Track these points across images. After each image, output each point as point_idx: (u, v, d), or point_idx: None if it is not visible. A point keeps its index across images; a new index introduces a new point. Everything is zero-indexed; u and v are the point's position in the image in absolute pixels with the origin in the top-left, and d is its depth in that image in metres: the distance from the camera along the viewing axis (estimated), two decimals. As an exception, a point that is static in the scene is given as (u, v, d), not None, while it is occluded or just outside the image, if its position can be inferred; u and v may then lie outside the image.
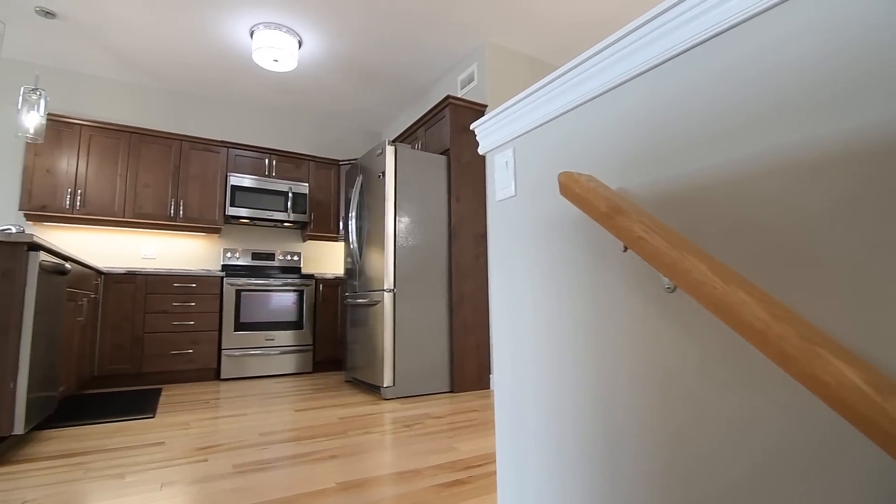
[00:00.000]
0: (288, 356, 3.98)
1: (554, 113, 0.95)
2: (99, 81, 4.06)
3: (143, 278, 3.54)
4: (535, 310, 1.00)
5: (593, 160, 0.87)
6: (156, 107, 4.26)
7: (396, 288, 3.05)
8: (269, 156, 4.42)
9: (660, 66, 0.75)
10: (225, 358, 3.73)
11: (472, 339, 3.27)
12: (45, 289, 2.08)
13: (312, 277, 4.18)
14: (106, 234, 3.96)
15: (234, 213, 4.11)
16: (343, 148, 5.20)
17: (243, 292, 3.86)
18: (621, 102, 0.81)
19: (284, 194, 4.36)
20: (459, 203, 3.35)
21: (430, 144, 3.64)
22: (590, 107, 0.88)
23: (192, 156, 4.08)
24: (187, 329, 3.64)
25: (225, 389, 3.36)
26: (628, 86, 0.80)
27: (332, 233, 4.66)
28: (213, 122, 4.50)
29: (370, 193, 3.32)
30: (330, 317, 4.24)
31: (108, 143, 3.76)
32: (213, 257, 4.36)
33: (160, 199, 3.91)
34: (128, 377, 3.48)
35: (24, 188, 3.45)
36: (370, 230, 3.27)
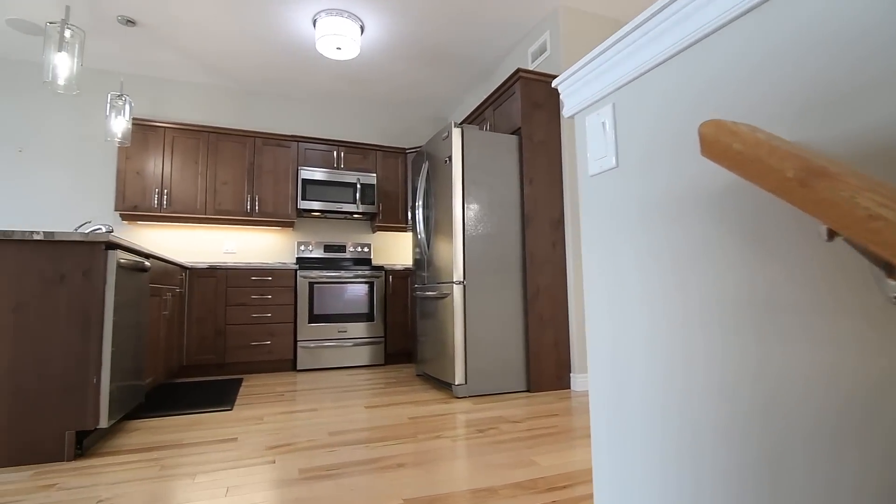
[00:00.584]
0: (360, 348, 3.96)
1: (676, 46, 0.68)
2: (178, 85, 4.26)
3: (224, 272, 3.67)
4: (650, 310, 0.74)
5: (746, 109, 0.59)
6: (230, 106, 4.40)
7: (466, 280, 2.85)
8: (337, 147, 4.40)
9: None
10: (300, 349, 3.78)
11: (549, 335, 3.00)
12: (127, 285, 2.14)
13: (382, 269, 4.12)
14: (191, 231, 4.16)
15: (305, 206, 4.15)
16: (409, 136, 5.08)
17: (316, 284, 3.89)
18: (798, 12, 0.53)
19: (353, 186, 4.33)
20: (533, 186, 3.07)
21: (499, 124, 3.38)
22: (737, 28, 0.60)
23: (265, 151, 4.16)
24: (265, 321, 3.73)
25: (300, 381, 3.40)
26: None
27: (401, 223, 4.57)
28: (283, 117, 4.57)
29: (436, 180, 3.14)
30: (400, 309, 4.16)
31: (188, 144, 3.93)
32: (288, 250, 4.45)
33: (237, 196, 4.03)
34: (213, 367, 3.64)
35: (118, 190, 3.70)
36: (438, 219, 3.10)
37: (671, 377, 0.69)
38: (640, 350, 0.76)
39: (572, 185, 3.13)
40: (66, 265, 1.84)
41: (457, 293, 2.82)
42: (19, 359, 1.76)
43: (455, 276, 2.83)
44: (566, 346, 3.05)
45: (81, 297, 1.85)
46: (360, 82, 4.39)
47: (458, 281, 2.84)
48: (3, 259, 1.77)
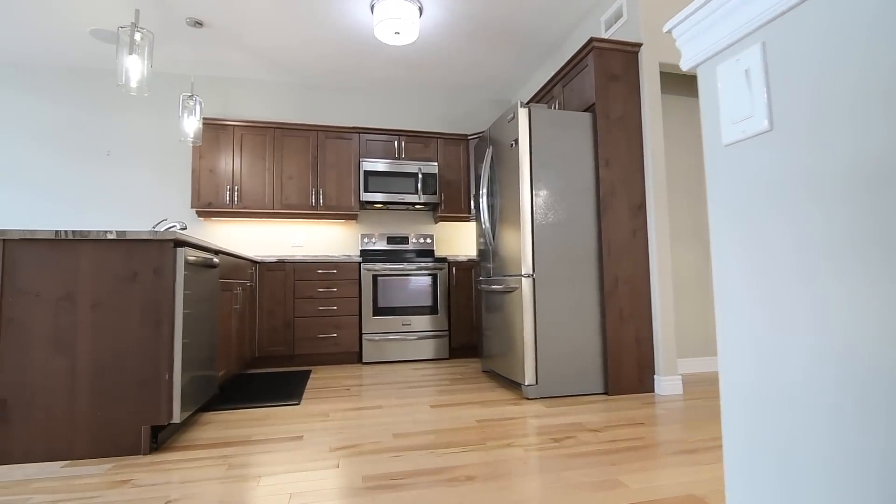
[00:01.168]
0: (424, 342, 3.88)
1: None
2: (244, 84, 4.36)
3: (291, 266, 3.72)
4: (819, 306, 0.51)
5: None
6: (293, 101, 4.44)
7: (536, 273, 2.64)
8: (398, 137, 4.31)
9: None
10: (366, 342, 3.77)
11: (629, 332, 2.72)
12: (197, 281, 2.16)
13: (445, 261, 4.00)
14: (261, 225, 4.28)
15: (368, 198, 4.11)
16: (471, 122, 4.88)
17: (380, 277, 3.84)
18: None
19: (414, 176, 4.23)
20: (610, 168, 2.77)
21: (569, 102, 3.10)
22: None
23: (328, 144, 4.16)
24: (331, 314, 3.75)
25: (366, 374, 3.37)
26: None
27: (463, 213, 4.41)
28: (343, 109, 4.55)
29: (502, 166, 2.93)
30: (464, 301, 4.02)
31: (256, 141, 4.01)
32: (352, 243, 4.45)
33: (302, 189, 4.07)
34: (283, 358, 3.72)
35: (193, 188, 3.86)
36: (504, 207, 2.90)
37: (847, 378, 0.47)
38: (802, 347, 0.54)
39: (656, 166, 2.79)
40: (137, 263, 1.87)
41: (526, 287, 2.62)
42: (99, 355, 1.81)
43: (524, 268, 2.63)
44: (649, 345, 2.75)
45: (153, 295, 1.87)
46: (419, 68, 4.25)
47: (527, 274, 2.63)
48: (81, 259, 1.83)
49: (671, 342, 2.73)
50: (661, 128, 2.83)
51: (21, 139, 3.89)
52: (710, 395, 2.65)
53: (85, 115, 4.01)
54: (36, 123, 3.93)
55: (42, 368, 1.77)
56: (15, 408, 1.75)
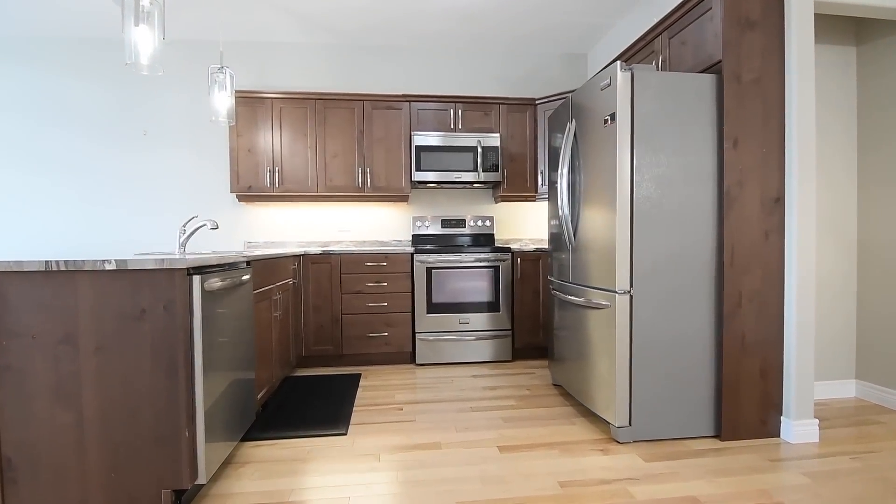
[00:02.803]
0: (484, 342, 3.45)
1: None
2: (280, 49, 3.88)
3: (337, 258, 3.35)
4: None
5: None
6: (337, 65, 3.93)
7: (635, 288, 2.08)
8: (454, 104, 3.73)
9: None
10: (419, 342, 3.39)
11: (752, 362, 2.13)
12: (224, 306, 1.80)
13: (509, 251, 3.48)
14: (305, 208, 3.92)
15: (420, 177, 3.61)
16: (539, 82, 4.17)
17: (434, 270, 3.40)
18: None
19: (473, 150, 3.66)
20: (738, 149, 2.10)
21: (679, 60, 2.39)
22: None
23: (375, 116, 3.65)
24: (381, 311, 3.39)
25: (420, 383, 3.01)
26: None
27: (529, 191, 3.83)
28: (391, 73, 3.99)
29: (589, 143, 2.32)
30: (530, 296, 3.52)
31: (296, 114, 3.58)
32: (403, 226, 4.02)
33: (348, 169, 3.63)
34: (331, 357, 3.43)
35: (231, 170, 3.52)
36: (589, 194, 2.32)
37: None
38: None
39: (802, 147, 2.08)
40: (144, 298, 1.52)
41: (620, 307, 2.08)
42: (107, 407, 1.51)
43: (618, 281, 2.08)
44: (777, 379, 2.16)
45: (165, 336, 1.52)
46: (477, 19, 3.57)
47: (623, 290, 2.08)
48: (80, 294, 1.49)
49: (807, 376, 2.12)
50: (812, 94, 2.09)
51: (56, 122, 3.68)
52: (858, 446, 2.05)
53: (119, 91, 3.72)
54: (68, 103, 3.69)
55: (46, 423, 1.49)
56: (21, 467, 1.49)
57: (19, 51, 3.62)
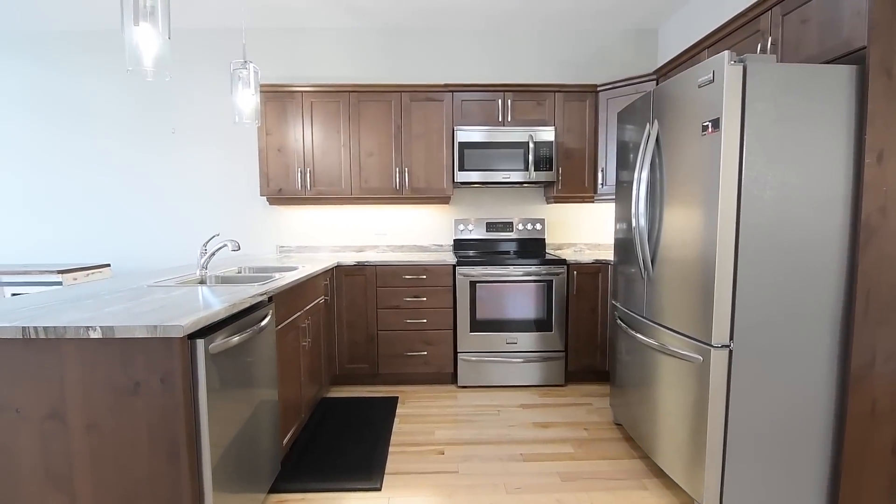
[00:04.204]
0: (533, 365, 3.10)
1: None
2: (312, 34, 3.53)
3: (373, 269, 3.06)
4: None
5: None
6: (371, 53, 3.56)
7: (736, 340, 1.66)
8: (503, 93, 3.29)
9: None
10: (461, 362, 3.09)
11: (884, 437, 1.69)
12: (236, 362, 1.55)
13: (564, 264, 3.07)
14: (339, 210, 3.65)
15: (463, 178, 3.24)
16: (600, 64, 3.65)
17: (478, 284, 3.06)
18: None
19: (523, 146, 3.24)
20: (884, 165, 1.60)
21: (798, 43, 1.87)
22: None
23: (414, 109, 3.28)
24: (420, 328, 3.09)
25: (462, 413, 2.72)
26: None
27: (586, 192, 3.38)
28: (433, 60, 3.58)
29: (677, 149, 1.88)
30: (587, 314, 3.13)
31: (329, 109, 3.26)
32: (444, 229, 3.68)
33: (384, 169, 3.30)
34: (367, 376, 3.19)
35: (261, 171, 3.27)
36: (675, 213, 1.89)
37: None
38: None
39: (980, 160, 1.56)
40: (137, 369, 1.26)
41: (717, 364, 1.67)
42: (103, 493, 1.28)
43: (715, 331, 1.66)
44: (917, 456, 1.70)
45: (164, 413, 1.27)
46: (534, -6, 3.09)
47: (722, 344, 1.66)
48: (66, 364, 1.25)
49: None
50: None
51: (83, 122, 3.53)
52: None
53: (147, 86, 3.51)
54: (94, 101, 3.52)
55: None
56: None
57: (44, 48, 3.47)
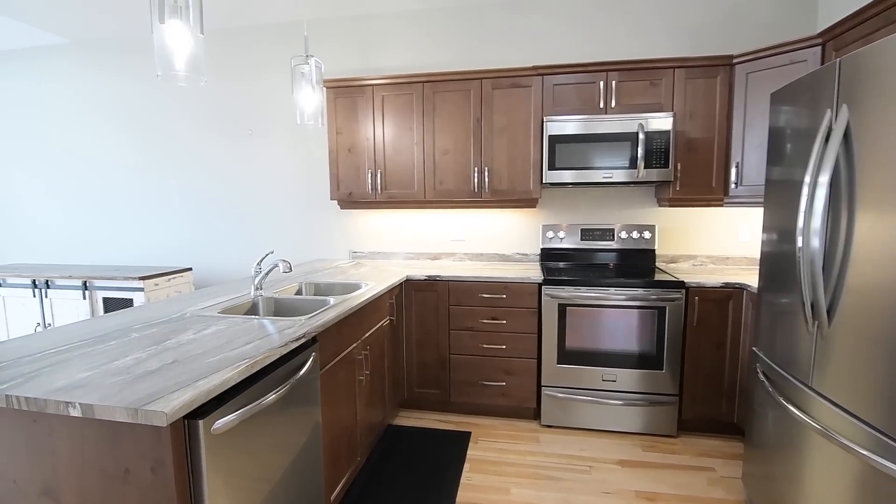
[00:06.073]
0: (636, 409, 2.54)
1: None
2: (381, 20, 3.20)
3: (445, 285, 2.70)
4: None
5: None
6: (447, 36, 3.14)
7: None
8: (605, 73, 2.70)
9: None
10: (545, 397, 2.63)
11: None
12: (258, 431, 1.27)
13: (682, 287, 2.45)
14: (412, 213, 3.33)
15: (553, 178, 2.72)
16: (735, 29, 2.86)
17: (569, 308, 2.55)
18: None
19: (630, 138, 2.63)
20: None
21: None
22: None
23: (496, 99, 2.82)
24: (498, 354, 2.68)
25: (544, 461, 2.28)
26: None
27: (714, 193, 2.67)
28: (519, 39, 3.06)
29: (878, 144, 1.23)
30: (710, 350, 2.48)
31: (400, 103, 2.92)
32: (530, 237, 3.20)
33: (461, 169, 2.90)
34: (437, 403, 2.86)
35: (331, 174, 3.05)
36: (871, 232, 1.25)
37: None
38: None
39: None
40: (126, 455, 1.02)
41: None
42: (96, 593, 1.08)
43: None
44: None
45: (156, 508, 1.02)
46: (651, -55, 2.44)
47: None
48: (55, 439, 1.05)
49: None
50: None
51: (168, 124, 3.60)
52: None
53: (224, 88, 3.47)
54: (183, 101, 3.56)
55: (36, 591, 1.13)
56: None
57: (124, 56, 3.57)
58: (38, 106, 3.83)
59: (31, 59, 3.79)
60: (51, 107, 3.80)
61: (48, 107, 3.80)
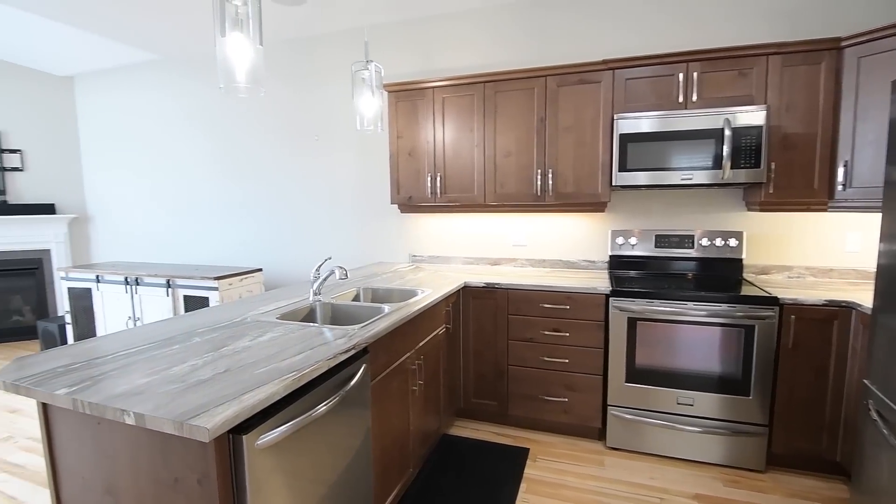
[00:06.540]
0: (717, 437, 2.28)
1: None
2: (442, 21, 3.15)
3: (504, 293, 2.60)
4: None
5: None
6: (510, 33, 3.02)
7: None
8: (685, 64, 2.45)
9: None
10: (612, 417, 2.44)
11: None
12: (304, 441, 1.26)
13: (774, 304, 2.15)
14: (472, 218, 3.25)
15: (625, 180, 2.52)
16: (835, 7, 2.48)
17: (640, 322, 2.35)
18: None
19: (714, 135, 2.36)
20: None
21: None
22: None
23: (561, 97, 2.66)
24: (560, 368, 2.53)
25: (610, 487, 2.10)
26: None
27: (816, 196, 2.33)
28: (586, 32, 2.87)
29: None
30: (808, 376, 2.16)
31: (461, 105, 2.85)
32: (597, 243, 3.00)
33: (523, 172, 2.78)
34: (494, 415, 2.76)
35: (392, 178, 3.05)
36: None
37: None
38: None
39: None
40: (175, 465, 1.04)
41: None
42: None
43: None
44: None
45: (203, 520, 1.02)
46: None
47: None
48: (116, 443, 1.10)
49: None
50: None
51: (241, 132, 3.79)
52: None
53: (294, 94, 3.60)
54: (251, 111, 3.74)
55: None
56: None
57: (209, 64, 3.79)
58: (135, 115, 4.21)
59: (127, 74, 4.18)
60: (145, 116, 4.17)
61: (143, 116, 4.17)
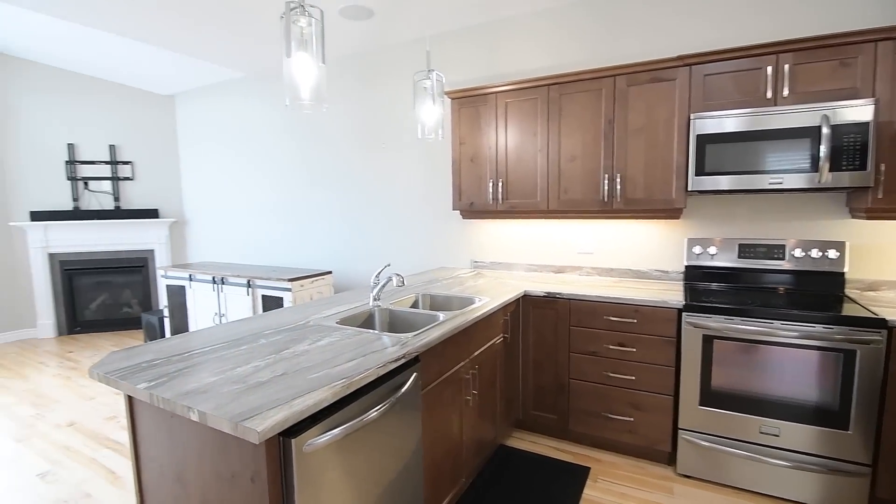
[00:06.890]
0: (809, 474, 2.02)
1: None
2: (507, 24, 3.10)
3: (566, 304, 2.50)
4: None
5: None
6: (576, 33, 2.91)
7: None
8: (775, 56, 2.20)
9: None
10: (683, 442, 2.25)
11: None
12: (352, 447, 1.29)
13: (882, 327, 1.87)
14: (535, 224, 3.17)
15: (703, 185, 2.32)
16: None
17: (718, 340, 2.14)
18: None
19: (811, 133, 2.10)
20: None
21: None
22: None
23: (632, 97, 2.52)
24: (626, 385, 2.39)
25: (679, 523, 1.94)
26: None
27: (942, 202, 1.99)
28: (659, 28, 2.69)
29: None
30: (929, 413, 1.85)
31: (525, 109, 2.80)
32: (671, 252, 2.79)
33: (589, 177, 2.66)
34: (553, 429, 2.67)
35: (454, 184, 3.07)
36: None
37: None
38: None
39: None
40: (233, 460, 1.11)
41: None
42: (212, 578, 1.20)
43: None
44: None
45: (253, 517, 1.09)
46: None
47: None
48: (186, 436, 1.21)
49: None
50: None
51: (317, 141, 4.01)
52: None
53: (364, 103, 3.75)
54: (329, 121, 3.94)
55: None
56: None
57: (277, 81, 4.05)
58: (224, 127, 4.63)
59: (217, 91, 4.61)
60: (232, 129, 4.56)
61: (231, 128, 4.57)
